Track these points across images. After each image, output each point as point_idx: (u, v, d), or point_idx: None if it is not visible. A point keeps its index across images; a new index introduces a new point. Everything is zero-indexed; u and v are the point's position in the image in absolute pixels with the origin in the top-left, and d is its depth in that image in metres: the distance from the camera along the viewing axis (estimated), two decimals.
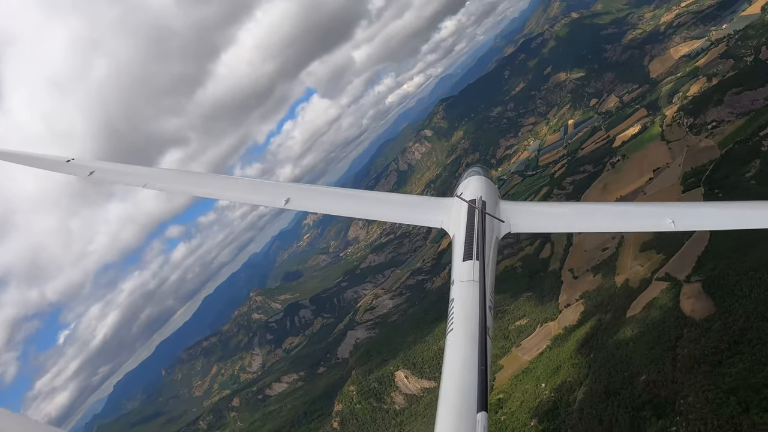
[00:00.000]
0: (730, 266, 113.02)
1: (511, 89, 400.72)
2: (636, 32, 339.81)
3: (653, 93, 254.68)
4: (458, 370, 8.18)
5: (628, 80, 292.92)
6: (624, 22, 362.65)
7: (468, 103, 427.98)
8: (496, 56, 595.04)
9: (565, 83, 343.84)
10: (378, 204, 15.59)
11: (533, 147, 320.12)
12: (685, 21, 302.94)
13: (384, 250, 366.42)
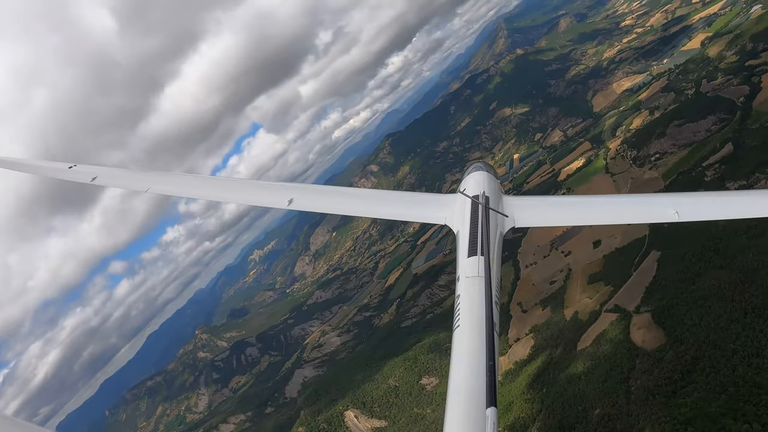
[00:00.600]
0: (678, 296, 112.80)
1: (457, 124, 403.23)
2: (579, 68, 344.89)
3: (597, 127, 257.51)
4: (466, 366, 8.33)
5: (572, 114, 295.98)
6: (567, 58, 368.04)
7: (414, 138, 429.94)
8: (442, 92, 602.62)
9: (510, 118, 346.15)
10: (381, 202, 15.51)
11: None
12: (627, 56, 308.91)
13: (331, 286, 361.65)
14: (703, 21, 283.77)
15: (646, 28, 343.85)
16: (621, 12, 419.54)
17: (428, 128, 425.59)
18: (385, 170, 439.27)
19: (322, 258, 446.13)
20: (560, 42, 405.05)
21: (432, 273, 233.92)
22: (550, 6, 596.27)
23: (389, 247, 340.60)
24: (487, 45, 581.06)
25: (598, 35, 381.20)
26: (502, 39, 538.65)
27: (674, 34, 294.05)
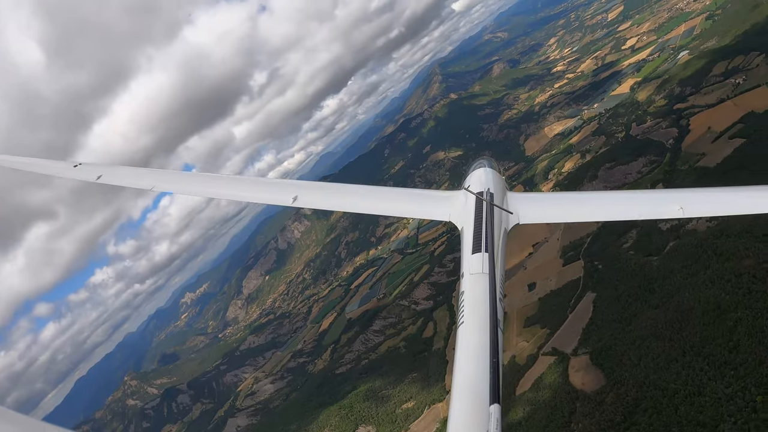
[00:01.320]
0: (615, 336, 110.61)
1: (391, 168, 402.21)
2: (512, 112, 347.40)
3: (529, 170, 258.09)
4: (470, 362, 8.40)
5: (505, 158, 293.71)
6: (501, 103, 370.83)
7: (348, 182, 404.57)
8: (376, 135, 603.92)
9: (444, 162, 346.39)
10: (385, 199, 15.60)
11: (413, 225, 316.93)
12: (559, 101, 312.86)
13: (264, 330, 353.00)
14: (632, 66, 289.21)
15: (577, 73, 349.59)
16: (553, 58, 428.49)
17: (362, 171, 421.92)
18: (318, 213, 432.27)
19: (255, 302, 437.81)
20: (493, 87, 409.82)
21: (366, 318, 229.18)
22: (484, 52, 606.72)
23: (323, 291, 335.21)
24: (422, 89, 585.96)
25: (531, 80, 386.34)
26: (437, 83, 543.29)
27: (604, 79, 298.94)
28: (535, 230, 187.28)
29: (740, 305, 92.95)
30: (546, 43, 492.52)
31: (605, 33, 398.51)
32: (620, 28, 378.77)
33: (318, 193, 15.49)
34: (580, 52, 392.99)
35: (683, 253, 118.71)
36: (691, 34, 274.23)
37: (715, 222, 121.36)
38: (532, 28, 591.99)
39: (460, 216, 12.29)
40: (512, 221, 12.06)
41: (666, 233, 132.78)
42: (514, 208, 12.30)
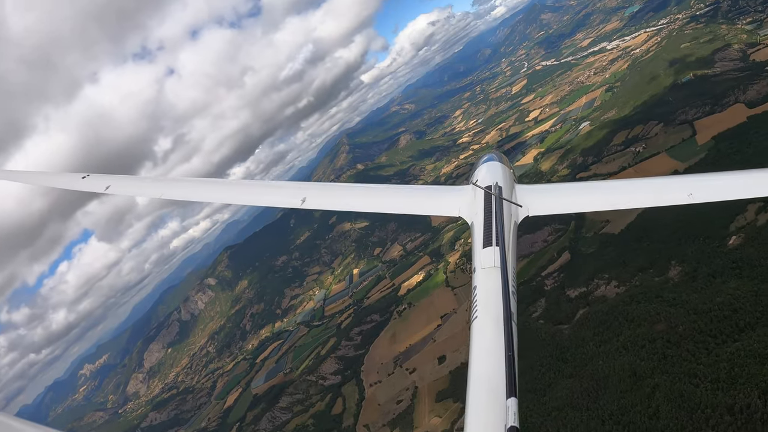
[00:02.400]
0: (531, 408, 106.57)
1: (297, 238, 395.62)
2: (418, 183, 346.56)
3: (436, 241, 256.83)
4: (485, 357, 8.26)
5: (411, 229, 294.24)
6: (407, 174, 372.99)
7: (253, 252, 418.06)
8: None
9: (350, 233, 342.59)
10: (394, 196, 15.74)
11: (319, 297, 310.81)
12: (464, 172, 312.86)
13: (166, 406, 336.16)
14: (536, 137, 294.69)
15: (482, 144, 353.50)
16: (458, 129, 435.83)
17: (268, 241, 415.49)
18: (222, 284, 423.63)
19: (157, 376, 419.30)
20: (400, 158, 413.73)
21: (272, 394, 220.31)
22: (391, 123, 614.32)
23: (227, 365, 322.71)
24: (329, 159, 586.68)
25: (437, 152, 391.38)
26: (344, 154, 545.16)
27: (509, 150, 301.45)
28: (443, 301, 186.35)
29: (656, 370, 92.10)
30: (452, 115, 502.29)
31: (509, 105, 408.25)
32: (524, 101, 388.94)
33: (326, 194, 15.78)
34: (485, 123, 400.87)
35: (594, 320, 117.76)
36: (591, 105, 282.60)
37: (623, 288, 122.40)
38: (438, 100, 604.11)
39: (469, 211, 12.07)
40: (522, 214, 11.84)
41: (575, 300, 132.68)
42: (523, 200, 12.10)
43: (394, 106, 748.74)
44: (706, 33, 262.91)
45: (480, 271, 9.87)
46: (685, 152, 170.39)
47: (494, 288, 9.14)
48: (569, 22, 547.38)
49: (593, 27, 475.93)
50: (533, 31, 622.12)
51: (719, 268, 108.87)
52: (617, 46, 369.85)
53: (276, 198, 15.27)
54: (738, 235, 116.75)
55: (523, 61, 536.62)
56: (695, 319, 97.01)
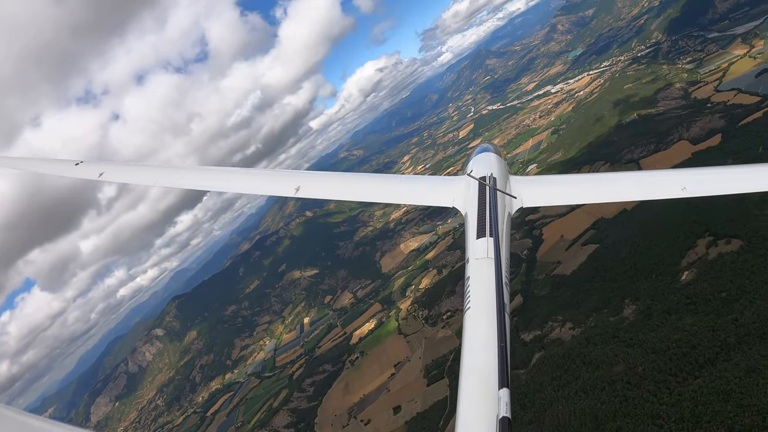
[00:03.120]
0: None
1: (246, 287, 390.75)
2: (367, 230, 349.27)
3: (386, 288, 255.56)
4: (478, 347, 8.25)
5: (361, 276, 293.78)
6: (356, 221, 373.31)
7: (202, 301, 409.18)
8: (232, 252, 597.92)
9: (300, 281, 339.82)
10: (388, 186, 15.48)
11: (269, 347, 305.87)
12: (413, 217, 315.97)
13: None
14: None
15: None
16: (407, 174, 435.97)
17: (217, 290, 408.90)
18: (171, 335, 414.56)
19: (104, 431, 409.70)
20: (349, 204, 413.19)
21: None
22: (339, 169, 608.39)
23: (177, 418, 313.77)
24: (278, 206, 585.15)
25: None
26: (292, 201, 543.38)
27: None
28: (395, 350, 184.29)
29: (618, 413, 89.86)
30: (400, 161, 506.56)
31: (457, 150, 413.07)
32: (471, 145, 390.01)
33: (321, 183, 15.44)
34: (433, 168, 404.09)
35: (551, 364, 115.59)
36: (538, 148, 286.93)
37: (578, 330, 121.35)
38: (386, 146, 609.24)
39: (463, 201, 12.10)
40: (516, 205, 11.95)
41: (530, 344, 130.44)
42: (518, 191, 12.21)
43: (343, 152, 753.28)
44: (648, 73, 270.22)
45: (473, 261, 9.94)
46: None
47: (487, 279, 9.15)
48: (514, 66, 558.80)
49: (537, 71, 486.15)
50: (479, 76, 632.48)
51: (674, 305, 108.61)
52: (561, 89, 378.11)
53: (270, 186, 15.51)
54: (690, 270, 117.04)
55: (469, 105, 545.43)
56: (654, 358, 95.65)
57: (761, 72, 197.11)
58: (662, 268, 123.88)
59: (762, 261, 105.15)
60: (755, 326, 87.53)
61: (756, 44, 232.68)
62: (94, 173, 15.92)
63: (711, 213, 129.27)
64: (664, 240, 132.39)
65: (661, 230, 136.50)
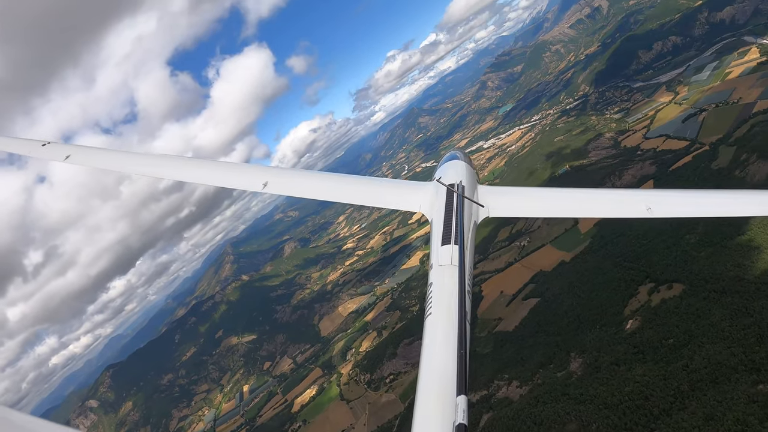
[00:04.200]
0: None
1: (182, 354, 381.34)
2: (305, 292, 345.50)
3: (326, 352, 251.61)
4: (437, 354, 8.23)
5: (300, 341, 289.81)
6: (293, 283, 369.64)
7: (137, 370, 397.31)
8: (167, 318, 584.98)
9: (238, 347, 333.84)
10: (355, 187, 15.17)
11: (209, 417, 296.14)
12: (351, 279, 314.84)
13: None
14: (420, 239, 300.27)
15: (367, 250, 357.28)
16: (343, 235, 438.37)
17: (152, 359, 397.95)
18: (105, 406, 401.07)
19: None
20: (286, 267, 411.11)
21: None
22: (276, 231, 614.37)
23: None
24: (214, 270, 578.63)
25: (321, 259, 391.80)
26: (229, 264, 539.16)
27: (394, 254, 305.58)
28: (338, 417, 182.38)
29: None
30: (336, 221, 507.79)
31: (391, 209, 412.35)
32: None
33: (289, 180, 15.24)
34: (369, 228, 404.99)
35: (501, 425, 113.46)
36: None
37: (526, 388, 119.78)
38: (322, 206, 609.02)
39: (430, 207, 12.08)
40: (482, 214, 11.96)
41: (477, 405, 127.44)
42: (485, 201, 12.20)
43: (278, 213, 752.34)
44: (577, 125, 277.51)
45: (437, 268, 9.83)
46: (570, 242, 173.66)
47: (450, 285, 9.16)
48: (446, 124, 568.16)
49: (469, 127, 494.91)
50: (412, 134, 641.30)
51: (621, 355, 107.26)
52: (494, 144, 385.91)
53: (237, 180, 15.10)
54: (634, 318, 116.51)
55: (403, 164, 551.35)
56: (607, 414, 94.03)
57: (687, 117, 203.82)
58: (606, 318, 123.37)
59: (706, 304, 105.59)
60: (707, 371, 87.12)
61: (680, 91, 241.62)
62: (61, 155, 15.86)
63: (650, 259, 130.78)
64: (605, 289, 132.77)
65: (602, 279, 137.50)
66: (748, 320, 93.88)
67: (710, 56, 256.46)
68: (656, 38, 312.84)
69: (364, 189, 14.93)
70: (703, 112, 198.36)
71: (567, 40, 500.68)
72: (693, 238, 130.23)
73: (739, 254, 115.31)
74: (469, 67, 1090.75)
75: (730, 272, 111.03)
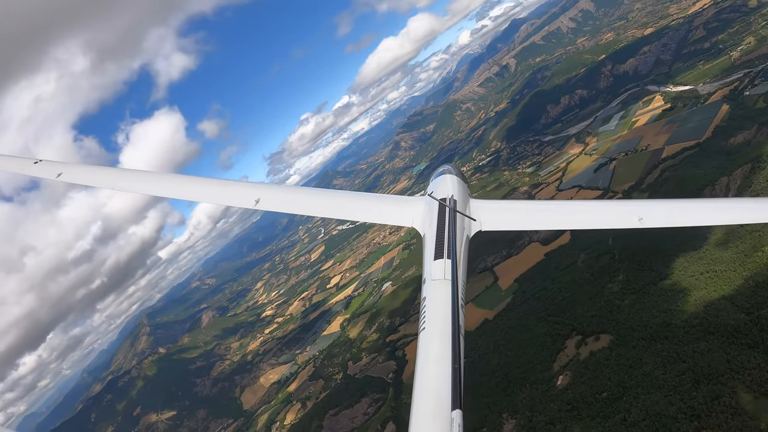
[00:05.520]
0: None
1: None
2: (225, 364, 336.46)
3: (250, 426, 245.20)
4: (431, 368, 8.30)
5: (222, 415, 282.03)
6: (212, 355, 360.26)
7: None
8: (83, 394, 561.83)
9: (157, 425, 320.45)
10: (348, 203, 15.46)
11: None
12: (271, 347, 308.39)
13: None
14: (340, 304, 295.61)
15: (286, 317, 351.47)
16: (261, 302, 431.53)
17: None
18: None
19: None
20: (204, 338, 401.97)
21: None
22: (193, 300, 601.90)
23: None
24: (129, 342, 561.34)
25: (241, 328, 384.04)
26: (144, 336, 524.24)
27: (314, 320, 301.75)
28: None
29: None
30: (253, 288, 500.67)
31: (310, 273, 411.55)
32: (323, 268, 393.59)
33: (282, 196, 15.56)
34: (288, 294, 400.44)
35: None
36: (391, 265, 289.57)
37: None
38: (239, 273, 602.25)
39: (423, 222, 12.37)
40: (475, 228, 12.25)
41: None
42: (477, 215, 12.49)
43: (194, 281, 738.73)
44: (491, 181, 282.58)
45: (430, 282, 9.99)
46: (491, 299, 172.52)
47: (443, 300, 9.29)
48: (360, 185, 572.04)
49: (384, 188, 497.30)
50: None
51: (555, 414, 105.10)
52: None
53: (230, 198, 15.20)
54: (564, 373, 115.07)
55: (319, 227, 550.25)
56: None
57: (599, 167, 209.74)
58: (535, 375, 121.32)
59: (636, 353, 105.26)
60: (646, 423, 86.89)
61: (590, 142, 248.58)
62: (53, 173, 15.95)
63: (574, 311, 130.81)
64: (532, 345, 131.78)
65: (527, 336, 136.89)
66: (682, 366, 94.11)
67: (616, 106, 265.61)
68: (563, 92, 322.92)
69: (355, 205, 15.15)
70: (614, 161, 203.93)
71: (477, 98, 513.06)
72: (615, 286, 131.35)
73: (664, 299, 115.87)
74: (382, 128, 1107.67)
75: (657, 318, 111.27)
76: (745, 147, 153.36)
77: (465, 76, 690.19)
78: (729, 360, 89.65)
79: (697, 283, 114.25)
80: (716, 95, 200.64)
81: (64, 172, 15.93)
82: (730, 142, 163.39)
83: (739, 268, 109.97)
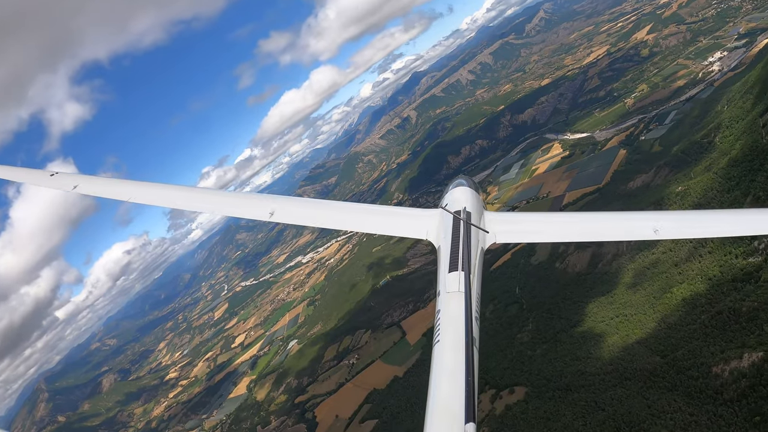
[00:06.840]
0: None
1: None
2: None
3: None
4: (446, 380, 8.37)
5: None
6: (114, 422, 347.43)
7: None
8: None
9: None
10: (362, 215, 15.76)
11: None
12: (177, 413, 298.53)
13: None
14: (246, 364, 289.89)
15: (191, 379, 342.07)
16: (165, 364, 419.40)
17: None
18: None
19: None
20: (105, 404, 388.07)
21: None
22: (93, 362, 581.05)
23: None
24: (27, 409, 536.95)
25: (144, 393, 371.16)
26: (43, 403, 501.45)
27: (220, 382, 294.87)
28: None
29: None
30: (156, 348, 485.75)
31: (214, 332, 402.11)
32: (227, 326, 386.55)
33: (295, 209, 15.70)
34: (192, 354, 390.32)
35: None
36: (296, 322, 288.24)
37: None
38: (141, 332, 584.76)
39: (437, 234, 12.43)
40: (489, 240, 12.21)
41: None
42: (491, 227, 12.48)
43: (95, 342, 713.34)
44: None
45: (444, 294, 10.18)
46: (400, 355, 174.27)
47: (457, 312, 9.41)
48: (264, 239, 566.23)
49: (287, 242, 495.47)
50: (230, 251, 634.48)
51: None
52: (312, 258, 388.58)
53: (245, 210, 15.42)
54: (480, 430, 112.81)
55: (222, 283, 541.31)
56: None
57: None
58: None
59: (553, 405, 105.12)
60: None
61: (491, 191, 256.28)
62: (69, 185, 16.20)
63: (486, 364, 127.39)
64: None
65: None
66: (601, 415, 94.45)
67: (516, 155, 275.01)
68: (464, 143, 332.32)
69: (370, 218, 15.45)
70: (515, 209, 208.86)
71: (379, 150, 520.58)
72: (525, 336, 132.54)
73: (577, 347, 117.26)
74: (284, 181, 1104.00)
75: (571, 367, 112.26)
76: (644, 190, 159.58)
77: (367, 128, 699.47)
78: (649, 405, 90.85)
79: (609, 329, 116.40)
80: (613, 141, 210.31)
81: (80, 184, 16.33)
82: (629, 186, 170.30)
83: (649, 311, 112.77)
